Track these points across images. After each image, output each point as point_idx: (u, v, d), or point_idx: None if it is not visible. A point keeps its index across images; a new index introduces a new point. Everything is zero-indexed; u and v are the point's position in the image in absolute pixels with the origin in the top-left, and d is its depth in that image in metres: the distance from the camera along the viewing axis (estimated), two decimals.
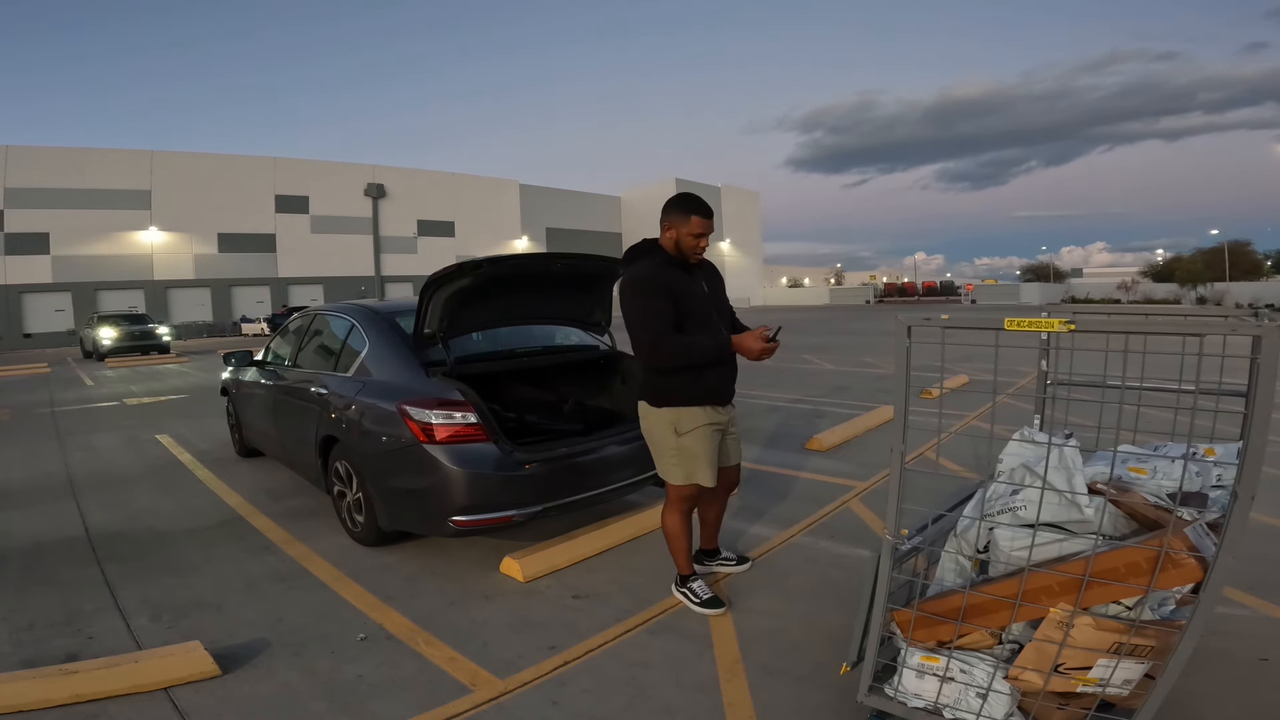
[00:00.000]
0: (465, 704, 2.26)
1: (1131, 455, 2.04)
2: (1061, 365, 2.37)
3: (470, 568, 3.39)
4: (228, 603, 3.08)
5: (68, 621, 2.91)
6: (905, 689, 1.87)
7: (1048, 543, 1.75)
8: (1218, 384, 1.99)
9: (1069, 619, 1.62)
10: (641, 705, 2.25)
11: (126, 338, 19.80)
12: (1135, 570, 1.61)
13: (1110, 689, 1.65)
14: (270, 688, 2.39)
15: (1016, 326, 1.62)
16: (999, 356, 1.72)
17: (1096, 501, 1.73)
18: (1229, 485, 1.77)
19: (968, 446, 5.14)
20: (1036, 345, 2.42)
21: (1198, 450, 1.96)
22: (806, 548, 3.53)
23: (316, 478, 4.21)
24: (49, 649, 2.67)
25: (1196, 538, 1.61)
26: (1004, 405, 6.76)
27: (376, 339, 3.90)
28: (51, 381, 13.81)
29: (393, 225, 41.60)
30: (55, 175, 31.57)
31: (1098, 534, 1.72)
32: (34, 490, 5.15)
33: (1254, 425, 1.47)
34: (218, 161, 36.76)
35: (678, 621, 2.80)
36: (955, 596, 1.83)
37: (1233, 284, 40.80)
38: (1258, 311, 2.03)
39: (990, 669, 1.76)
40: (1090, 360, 2.26)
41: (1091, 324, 1.67)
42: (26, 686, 2.29)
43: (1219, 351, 1.79)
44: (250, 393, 5.47)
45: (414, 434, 3.25)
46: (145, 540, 3.94)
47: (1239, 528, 1.47)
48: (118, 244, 33.44)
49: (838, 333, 19.78)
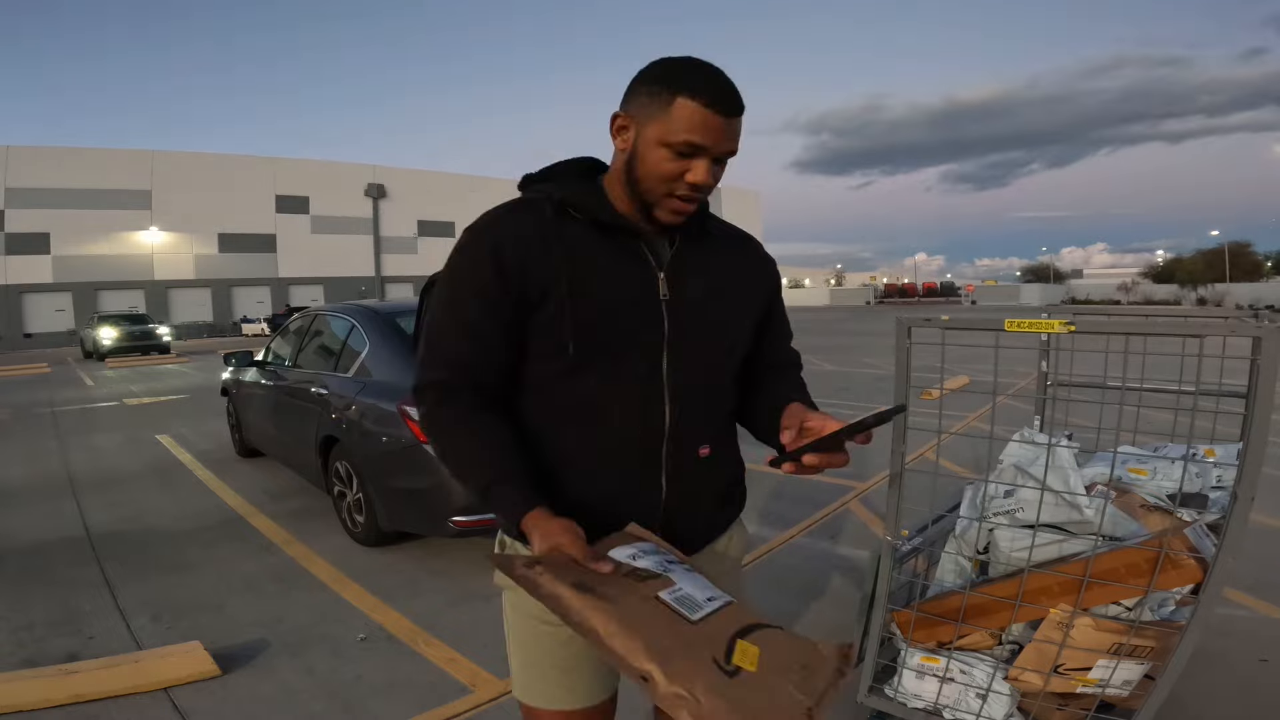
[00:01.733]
0: (465, 704, 2.26)
1: (1131, 456, 2.05)
2: (1061, 366, 2.37)
3: (470, 568, 3.39)
4: (228, 603, 3.08)
5: (68, 621, 2.91)
6: (905, 690, 1.87)
7: (1047, 543, 1.75)
8: (1218, 385, 1.99)
9: (1069, 620, 1.62)
10: (642, 705, 2.25)
11: (127, 338, 19.83)
12: (1135, 571, 1.61)
13: (1110, 690, 1.65)
14: (270, 688, 2.38)
15: (1017, 327, 1.62)
16: (999, 357, 1.72)
17: (1096, 502, 1.73)
18: (1229, 486, 1.77)
19: (968, 447, 5.13)
20: (1037, 346, 2.42)
21: (1198, 451, 1.96)
22: (806, 548, 3.53)
23: (316, 478, 4.21)
24: (49, 649, 2.67)
25: (1196, 538, 1.61)
26: (1004, 406, 6.74)
27: (377, 339, 3.90)
28: (52, 381, 13.82)
29: (393, 225, 41.63)
30: (56, 175, 31.61)
31: (1097, 535, 1.72)
32: (34, 490, 5.15)
33: (1254, 426, 1.47)
34: (218, 161, 36.80)
35: None
36: (955, 597, 1.83)
37: (1233, 285, 40.81)
38: (1258, 312, 2.03)
39: (990, 670, 1.76)
40: (1090, 361, 2.27)
41: (1091, 325, 1.68)
42: (26, 686, 2.29)
43: (1219, 352, 1.79)
44: (250, 393, 5.47)
45: (414, 434, 3.25)
46: (145, 540, 3.94)
47: (1239, 529, 1.47)
48: (118, 244, 33.47)
49: (838, 333, 19.78)
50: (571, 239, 0.99)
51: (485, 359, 1.00)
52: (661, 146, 0.93)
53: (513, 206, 1.02)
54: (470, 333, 0.99)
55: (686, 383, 1.04)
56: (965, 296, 48.30)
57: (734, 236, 1.17)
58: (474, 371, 1.00)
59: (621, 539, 0.95)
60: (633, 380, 1.02)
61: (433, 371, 1.01)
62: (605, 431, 1.02)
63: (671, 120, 0.92)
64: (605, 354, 1.00)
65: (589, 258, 0.99)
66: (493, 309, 0.98)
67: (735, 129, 0.95)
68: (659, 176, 0.95)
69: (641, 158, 0.95)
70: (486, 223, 1.01)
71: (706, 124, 0.92)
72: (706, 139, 0.92)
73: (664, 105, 0.92)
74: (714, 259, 1.09)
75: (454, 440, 0.99)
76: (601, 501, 1.02)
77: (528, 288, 0.97)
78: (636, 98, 0.96)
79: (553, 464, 1.02)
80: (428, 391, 1.01)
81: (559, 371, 1.00)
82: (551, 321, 0.97)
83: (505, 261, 0.96)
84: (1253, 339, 1.55)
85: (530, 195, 1.03)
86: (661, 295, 1.02)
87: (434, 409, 1.00)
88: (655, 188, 0.96)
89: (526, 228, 0.99)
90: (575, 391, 1.01)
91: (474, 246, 0.99)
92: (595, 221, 1.00)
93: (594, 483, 1.03)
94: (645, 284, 1.02)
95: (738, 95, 0.95)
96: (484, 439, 0.98)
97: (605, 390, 1.01)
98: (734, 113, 0.94)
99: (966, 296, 48.25)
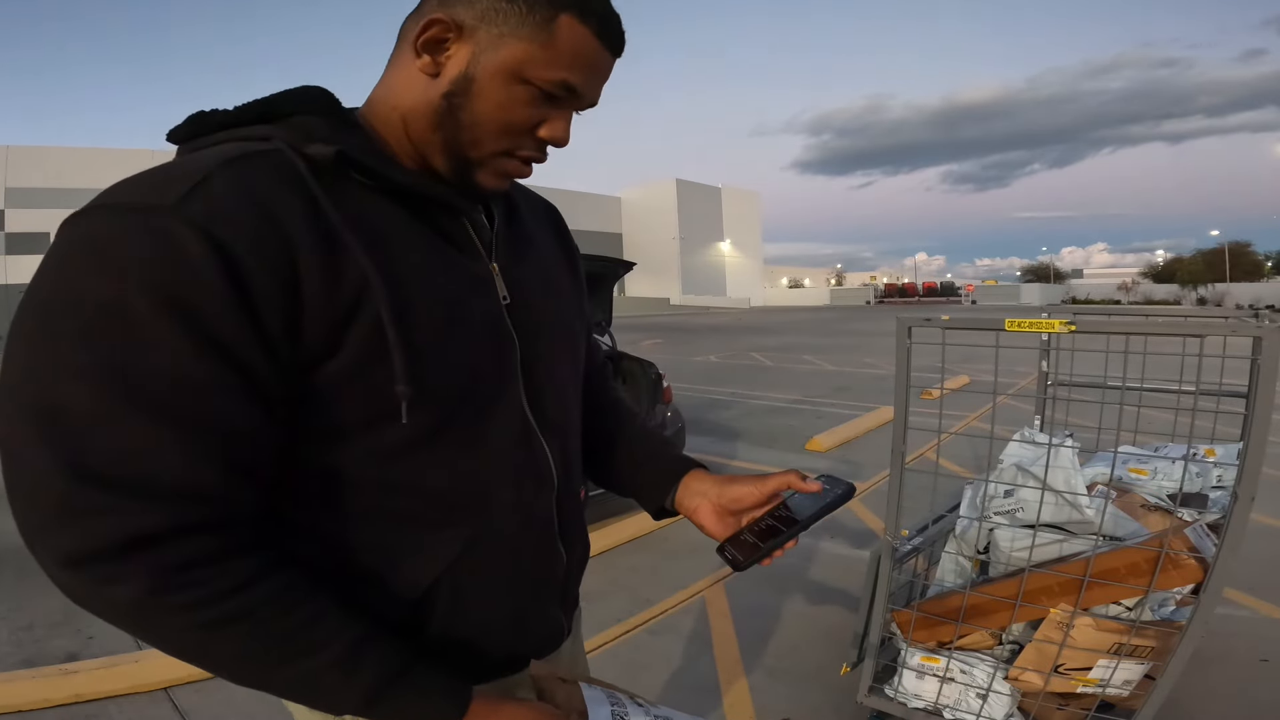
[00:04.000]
0: None
1: (1132, 456, 2.05)
2: (1062, 366, 2.37)
3: None
4: None
5: (68, 621, 2.91)
6: (905, 690, 1.87)
7: (1048, 543, 1.75)
8: (1218, 385, 1.99)
9: (1069, 619, 1.62)
10: None
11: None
12: (1135, 571, 1.60)
13: (1110, 689, 1.65)
14: None
15: (1017, 327, 1.62)
16: (999, 357, 1.72)
17: (1097, 502, 1.73)
18: (1229, 486, 1.77)
19: (968, 447, 5.13)
20: (1037, 346, 2.42)
21: (1198, 451, 1.97)
22: (806, 548, 3.53)
23: None
24: (49, 649, 2.67)
25: (1197, 538, 1.61)
26: (1004, 406, 6.75)
27: None
28: None
29: None
30: (56, 175, 31.62)
31: (1098, 535, 1.72)
32: None
33: (1254, 426, 1.47)
34: None
35: (678, 622, 2.80)
36: (955, 597, 1.82)
37: (1233, 285, 40.86)
38: (1258, 312, 2.03)
39: (990, 669, 1.76)
40: (1090, 361, 2.27)
41: (1092, 325, 1.67)
42: (26, 686, 2.29)
43: (1219, 352, 1.79)
44: None
45: None
46: None
47: (1239, 528, 1.47)
48: None
49: (838, 333, 19.78)
50: (366, 221, 0.59)
51: (228, 467, 0.53)
52: (520, 83, 0.61)
53: (231, 163, 0.55)
54: (187, 422, 0.50)
55: (554, 420, 0.74)
56: (965, 296, 48.36)
57: (538, 207, 0.86)
58: (209, 497, 0.52)
59: (564, 691, 0.68)
60: (505, 434, 0.68)
61: (107, 516, 0.49)
62: (486, 526, 0.67)
63: (548, 46, 0.60)
64: (460, 406, 0.64)
65: (401, 249, 0.61)
66: (233, 368, 0.52)
67: (609, 73, 0.67)
68: (503, 125, 0.63)
69: (480, 92, 0.61)
70: (178, 200, 0.51)
71: (594, 61, 0.64)
72: (588, 82, 0.64)
73: (539, 23, 0.60)
74: (534, 242, 0.78)
75: (246, 628, 0.55)
76: (489, 632, 0.70)
77: (304, 313, 0.55)
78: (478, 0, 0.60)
79: (390, 599, 0.64)
80: (122, 558, 0.50)
81: (383, 451, 0.61)
82: (359, 367, 0.57)
83: (252, 273, 0.52)
84: (1253, 339, 1.55)
85: (253, 147, 0.57)
86: (502, 298, 0.69)
87: (158, 588, 0.51)
88: (491, 140, 0.64)
89: (281, 203, 0.55)
90: (418, 477, 0.63)
91: (162, 248, 0.49)
92: (393, 190, 0.62)
93: (473, 610, 0.68)
94: (480, 285, 0.67)
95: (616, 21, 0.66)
96: (306, 607, 0.57)
97: (469, 463, 0.65)
98: (620, 51, 0.67)
99: (967, 296, 48.31)
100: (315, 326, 0.55)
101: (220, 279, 0.50)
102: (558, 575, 0.77)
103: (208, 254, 0.50)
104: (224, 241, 0.51)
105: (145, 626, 0.54)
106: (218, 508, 0.53)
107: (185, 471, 0.51)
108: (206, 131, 0.61)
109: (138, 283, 0.49)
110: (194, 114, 0.62)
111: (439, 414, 0.62)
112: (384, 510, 0.63)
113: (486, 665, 0.70)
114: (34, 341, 0.50)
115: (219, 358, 0.51)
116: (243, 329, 0.52)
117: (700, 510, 0.81)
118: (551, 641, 0.78)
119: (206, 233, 0.50)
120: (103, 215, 0.51)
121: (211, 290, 0.50)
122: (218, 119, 0.61)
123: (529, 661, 0.73)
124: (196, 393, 0.51)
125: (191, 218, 0.50)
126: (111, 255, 0.49)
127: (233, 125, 0.61)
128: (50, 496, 0.49)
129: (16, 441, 0.50)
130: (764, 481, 0.78)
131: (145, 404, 0.49)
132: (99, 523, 0.49)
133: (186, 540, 0.52)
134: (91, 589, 0.52)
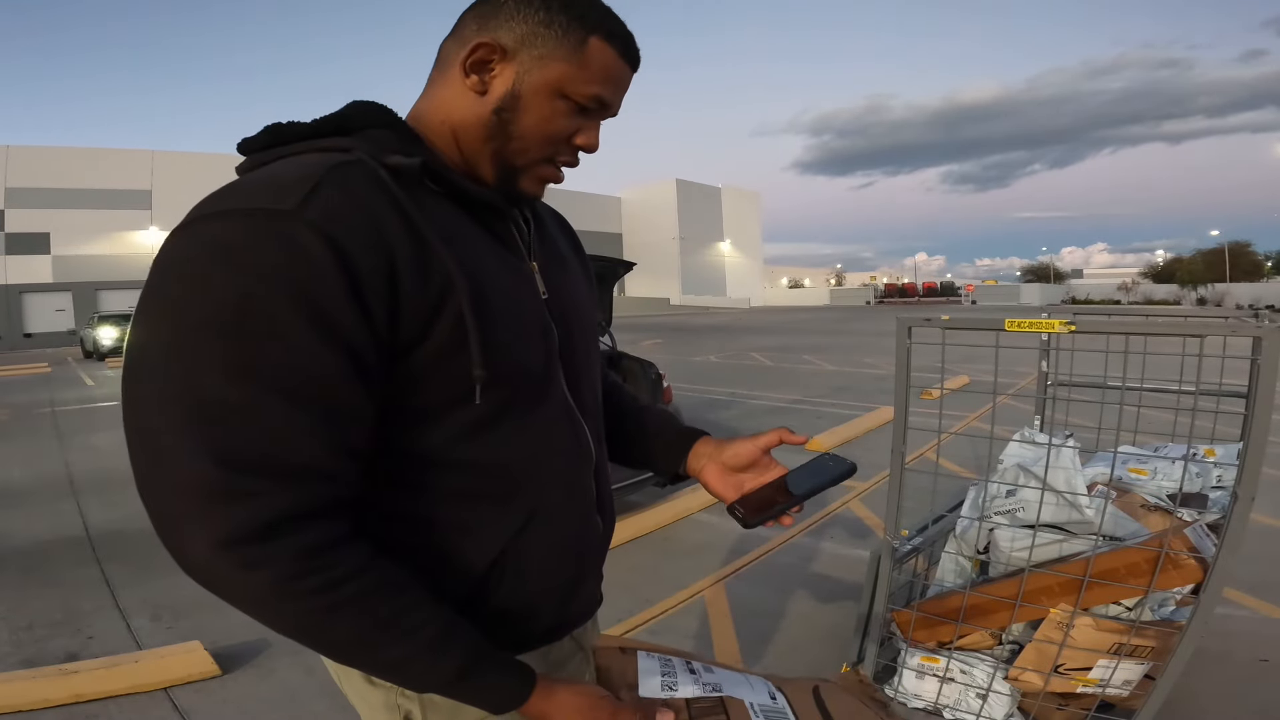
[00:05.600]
0: None
1: (1132, 456, 2.05)
2: (1062, 366, 2.37)
3: None
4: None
5: (68, 621, 2.91)
6: (905, 689, 1.87)
7: (1048, 543, 1.75)
8: (1218, 385, 1.99)
9: (1069, 619, 1.62)
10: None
11: (127, 338, 19.81)
12: (1135, 571, 1.61)
13: (1110, 689, 1.65)
14: (270, 688, 2.38)
15: (1017, 327, 1.62)
16: (999, 357, 1.72)
17: (1097, 502, 1.73)
18: (1229, 486, 1.77)
19: (968, 447, 5.13)
20: (1037, 346, 2.42)
21: (1198, 451, 1.97)
22: (806, 548, 3.53)
23: None
24: (49, 649, 2.67)
25: (1196, 538, 1.61)
26: (1004, 406, 6.75)
27: None
28: (52, 381, 13.82)
29: None
30: (56, 175, 31.61)
31: (1098, 535, 1.72)
32: (34, 490, 5.15)
33: (1254, 426, 1.47)
34: (219, 161, 36.73)
35: (677, 622, 2.80)
36: (955, 597, 1.83)
37: (1233, 285, 40.88)
38: (1258, 312, 2.03)
39: (990, 669, 1.76)
40: (1090, 361, 2.27)
41: (1092, 325, 1.68)
42: (26, 686, 2.29)
43: (1219, 352, 1.79)
44: None
45: None
46: (145, 540, 3.94)
47: (1239, 528, 1.47)
48: (118, 244, 33.45)
49: (837, 333, 19.78)
50: (442, 224, 0.67)
51: (348, 450, 0.60)
52: (560, 98, 0.70)
53: (335, 170, 0.61)
54: (318, 409, 0.57)
55: (588, 402, 0.83)
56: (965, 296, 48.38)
57: (550, 214, 0.92)
58: (336, 477, 0.59)
59: (619, 663, 0.74)
60: (553, 414, 0.76)
61: (253, 500, 0.55)
62: (542, 499, 0.74)
63: (583, 66, 0.69)
64: (521, 389, 0.71)
65: (471, 249, 0.69)
66: (351, 358, 0.58)
67: (629, 86, 0.77)
68: (546, 136, 0.71)
69: (527, 107, 0.69)
70: (298, 204, 0.57)
71: (620, 77, 0.73)
72: (615, 95, 0.73)
73: (574, 45, 0.69)
74: (557, 244, 0.87)
75: (360, 611, 0.59)
76: (540, 602, 0.76)
77: (400, 306, 0.61)
78: (518, 24, 0.69)
79: (461, 572, 0.70)
80: (266, 540, 0.55)
81: (458, 431, 0.67)
82: (442, 354, 0.64)
83: (365, 270, 0.58)
84: (1253, 339, 1.55)
85: (340, 158, 0.63)
86: (542, 294, 0.77)
87: (296, 573, 0.56)
88: (535, 149, 0.72)
89: (380, 210, 0.61)
90: (487, 455, 0.69)
91: (292, 250, 0.55)
92: (458, 196, 0.70)
93: (532, 579, 0.74)
94: (527, 281, 0.75)
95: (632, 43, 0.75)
96: (407, 591, 0.62)
97: (528, 442, 0.72)
98: (638, 66, 0.76)
99: (967, 296, 48.33)
100: (410, 318, 0.62)
101: (342, 277, 0.57)
102: (596, 546, 0.84)
103: (330, 255, 0.56)
104: (342, 243, 0.57)
105: (277, 608, 0.58)
106: (340, 488, 0.60)
107: (319, 456, 0.57)
108: (283, 142, 0.68)
109: (273, 283, 0.55)
110: (270, 125, 0.69)
111: (504, 396, 0.68)
112: (458, 488, 0.69)
113: (531, 635, 0.76)
114: (176, 341, 0.55)
115: (344, 350, 0.57)
116: (360, 322, 0.58)
117: (706, 470, 0.90)
118: (588, 610, 0.84)
119: (327, 235, 0.57)
120: (229, 220, 0.57)
121: (336, 288, 0.56)
122: (296, 131, 0.68)
123: (569, 631, 0.79)
124: (327, 382, 0.57)
125: (312, 221, 0.57)
126: (245, 258, 0.55)
127: (309, 137, 0.68)
128: (202, 485, 0.54)
129: (167, 435, 0.54)
130: (757, 438, 0.88)
131: (288, 395, 0.56)
132: (250, 506, 0.55)
133: (318, 523, 0.58)
134: (236, 571, 0.56)
